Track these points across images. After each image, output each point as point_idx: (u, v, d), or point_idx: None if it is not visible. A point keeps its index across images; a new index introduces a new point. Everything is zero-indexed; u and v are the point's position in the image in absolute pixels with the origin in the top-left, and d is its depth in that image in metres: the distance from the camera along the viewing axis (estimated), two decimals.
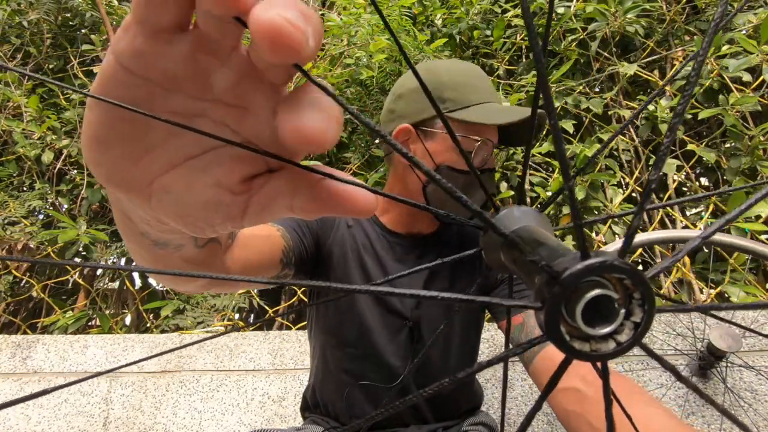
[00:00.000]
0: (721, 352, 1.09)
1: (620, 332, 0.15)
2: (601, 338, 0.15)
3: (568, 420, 0.56)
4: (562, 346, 0.15)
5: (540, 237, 0.19)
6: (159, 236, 0.29)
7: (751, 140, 1.58)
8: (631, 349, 0.15)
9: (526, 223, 0.21)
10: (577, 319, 0.15)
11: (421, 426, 0.76)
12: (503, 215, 0.22)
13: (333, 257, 0.77)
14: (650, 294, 0.15)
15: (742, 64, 1.59)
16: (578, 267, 0.14)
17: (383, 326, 0.76)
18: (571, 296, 0.15)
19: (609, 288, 0.15)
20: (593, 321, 0.15)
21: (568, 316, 0.15)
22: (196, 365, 1.39)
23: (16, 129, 1.94)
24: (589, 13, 1.88)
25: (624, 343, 0.15)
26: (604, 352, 0.15)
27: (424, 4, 2.18)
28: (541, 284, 0.16)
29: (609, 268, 0.14)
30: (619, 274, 0.15)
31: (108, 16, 2.02)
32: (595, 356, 0.15)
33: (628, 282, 0.15)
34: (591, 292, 0.15)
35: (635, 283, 0.15)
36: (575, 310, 0.15)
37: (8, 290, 1.86)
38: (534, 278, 0.17)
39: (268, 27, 0.14)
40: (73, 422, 1.34)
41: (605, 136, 1.77)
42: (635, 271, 0.15)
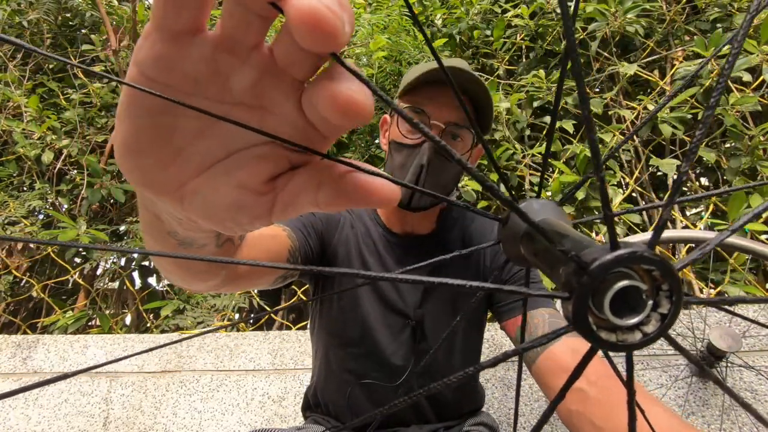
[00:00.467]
0: (721, 352, 1.09)
1: (647, 323, 0.15)
2: (627, 329, 0.15)
3: (570, 420, 0.56)
4: (589, 337, 0.15)
5: (562, 229, 0.18)
6: (186, 235, 0.30)
7: (751, 140, 1.59)
8: (657, 340, 0.15)
9: (545, 216, 0.21)
10: (605, 309, 0.15)
11: (423, 426, 0.76)
12: (523, 207, 0.21)
13: (338, 257, 0.77)
14: (678, 286, 0.15)
15: (742, 64, 1.59)
16: (608, 257, 0.14)
17: (386, 325, 0.76)
18: (600, 287, 0.15)
19: (637, 279, 0.15)
20: (620, 311, 0.15)
21: (595, 307, 0.15)
22: (196, 365, 1.39)
23: (16, 129, 1.94)
24: (589, 13, 1.88)
25: (651, 334, 0.15)
26: (631, 342, 0.15)
27: (424, 4, 2.18)
28: (569, 274, 0.16)
29: (638, 259, 0.14)
30: (648, 266, 0.15)
31: (108, 16, 2.02)
32: (621, 347, 0.15)
33: (656, 273, 0.15)
34: (619, 282, 0.15)
35: (664, 275, 0.15)
36: (603, 301, 0.15)
37: (8, 290, 1.86)
38: (558, 269, 0.16)
39: (308, 12, 0.15)
40: (73, 422, 1.34)
41: (605, 136, 1.77)
42: (664, 263, 0.15)
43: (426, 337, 0.75)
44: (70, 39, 2.35)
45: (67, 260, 1.87)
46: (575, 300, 0.15)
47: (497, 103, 1.78)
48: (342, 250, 0.77)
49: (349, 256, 0.77)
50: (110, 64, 2.18)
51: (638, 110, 1.80)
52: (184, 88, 0.18)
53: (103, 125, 2.14)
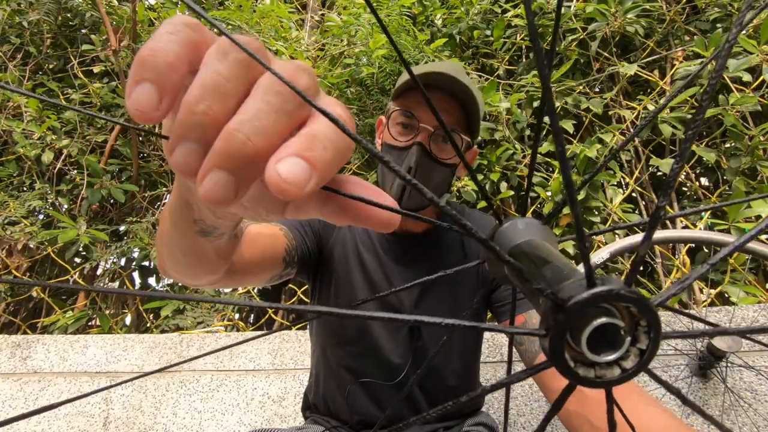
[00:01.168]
0: (721, 352, 1.09)
1: (626, 358, 0.15)
2: (606, 365, 0.15)
3: (569, 420, 0.56)
4: (566, 373, 0.15)
5: (545, 254, 0.18)
6: (212, 222, 0.33)
7: (751, 140, 1.59)
8: (636, 375, 0.15)
9: (529, 237, 0.20)
10: (582, 346, 0.15)
11: (422, 425, 0.77)
12: (506, 228, 0.21)
13: (334, 256, 0.77)
14: (656, 322, 0.15)
15: (742, 64, 1.59)
16: (584, 296, 0.14)
17: (383, 325, 0.76)
18: (577, 323, 0.15)
19: (615, 316, 0.15)
20: (598, 347, 0.15)
21: (574, 343, 0.15)
22: (196, 365, 1.39)
23: (16, 129, 1.94)
24: (589, 13, 1.88)
25: (629, 370, 0.15)
26: (609, 378, 0.15)
27: (424, 4, 2.18)
28: (546, 310, 0.15)
29: (616, 297, 0.14)
30: (626, 303, 0.14)
31: (108, 16, 2.01)
32: (599, 383, 0.15)
33: (634, 310, 0.15)
34: (597, 320, 0.15)
35: (642, 311, 0.15)
36: (580, 337, 0.15)
37: (8, 290, 1.86)
38: (539, 299, 0.16)
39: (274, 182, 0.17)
40: (73, 422, 1.34)
41: (605, 137, 1.77)
42: (642, 300, 0.14)
43: (423, 335, 0.76)
44: (70, 39, 2.35)
45: (67, 260, 1.87)
46: (551, 337, 0.15)
47: (497, 103, 1.78)
48: (339, 249, 0.78)
49: (347, 255, 0.77)
50: (110, 64, 2.19)
51: (638, 110, 1.80)
52: None
53: (103, 125, 2.14)
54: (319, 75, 2.00)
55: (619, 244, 1.34)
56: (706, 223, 1.59)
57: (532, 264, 0.18)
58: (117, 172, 2.15)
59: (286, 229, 0.68)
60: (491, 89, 1.76)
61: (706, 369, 1.17)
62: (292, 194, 0.17)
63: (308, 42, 2.24)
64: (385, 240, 0.79)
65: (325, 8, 2.70)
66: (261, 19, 2.12)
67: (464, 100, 0.69)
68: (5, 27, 2.21)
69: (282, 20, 2.18)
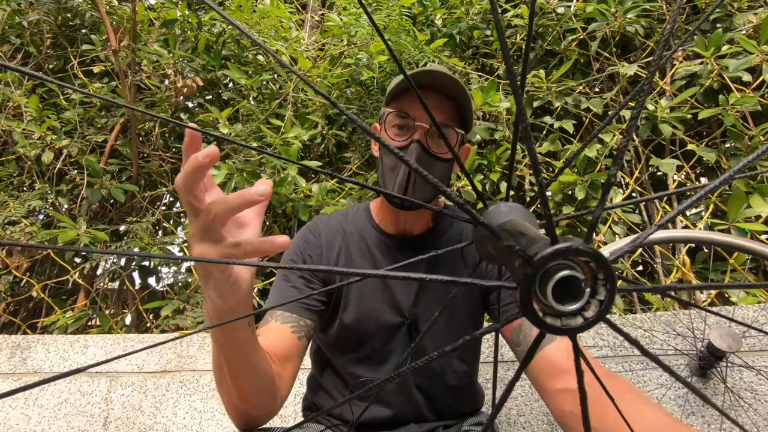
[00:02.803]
0: (721, 352, 1.09)
1: (587, 309, 0.17)
2: (570, 315, 0.17)
3: (565, 420, 0.56)
4: (535, 321, 0.17)
5: (522, 228, 0.21)
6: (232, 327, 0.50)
7: (751, 140, 1.58)
8: (596, 324, 0.17)
9: (511, 218, 0.23)
10: (548, 297, 0.17)
11: (422, 424, 0.77)
12: (491, 210, 0.24)
13: (335, 281, 0.78)
14: (611, 274, 0.17)
15: (742, 64, 1.59)
16: (548, 251, 0.16)
17: (383, 327, 0.76)
18: (542, 277, 0.17)
19: (576, 270, 0.17)
20: (564, 300, 0.17)
21: (541, 295, 0.17)
22: (197, 365, 1.39)
23: (16, 129, 1.94)
24: (589, 13, 1.88)
25: (590, 318, 0.17)
26: (573, 326, 0.17)
27: (424, 4, 2.18)
28: (517, 267, 0.18)
29: (574, 252, 0.17)
30: (584, 257, 0.17)
31: (108, 16, 2.01)
32: (565, 330, 0.17)
33: (593, 264, 0.17)
34: (560, 272, 0.17)
35: (599, 265, 0.17)
36: (546, 290, 0.17)
37: (8, 290, 1.86)
38: (514, 263, 0.19)
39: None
40: (73, 422, 1.34)
41: (606, 137, 1.77)
42: (597, 254, 0.17)
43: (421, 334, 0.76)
44: (70, 39, 2.35)
45: (67, 260, 1.86)
46: (521, 289, 0.17)
47: (497, 103, 1.78)
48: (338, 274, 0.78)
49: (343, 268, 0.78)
50: (110, 64, 2.19)
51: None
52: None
53: (103, 125, 2.14)
54: (319, 75, 2.00)
55: (619, 243, 1.34)
56: (706, 222, 1.59)
57: (510, 237, 0.20)
58: (117, 172, 2.15)
59: (296, 325, 0.71)
60: (491, 89, 1.76)
61: (706, 369, 1.17)
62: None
63: (308, 42, 2.24)
64: (383, 243, 0.79)
65: (325, 8, 2.70)
66: (261, 19, 2.13)
67: (455, 95, 0.71)
68: (5, 27, 2.21)
69: (282, 20, 2.18)
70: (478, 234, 0.25)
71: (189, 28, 2.22)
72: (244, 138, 1.86)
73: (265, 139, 1.84)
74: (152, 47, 2.07)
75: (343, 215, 0.84)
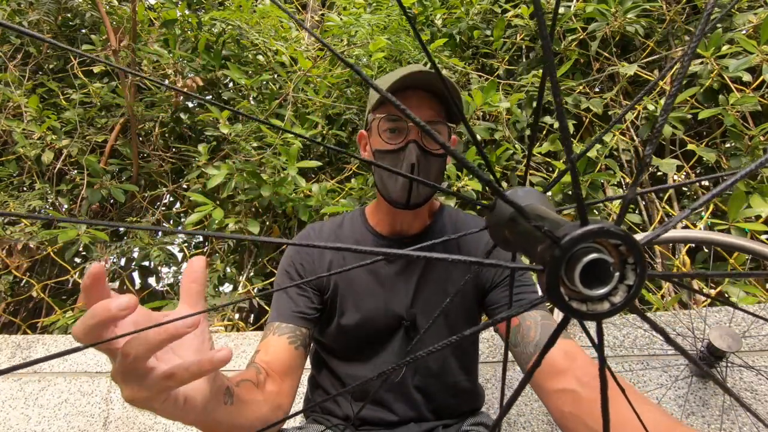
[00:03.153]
0: (721, 352, 1.09)
1: (614, 294, 0.17)
2: (597, 300, 0.17)
3: (564, 421, 0.56)
4: (561, 306, 0.16)
5: (542, 212, 0.20)
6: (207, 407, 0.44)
7: (751, 140, 1.59)
8: (624, 308, 0.17)
9: (530, 202, 0.22)
10: (576, 281, 0.16)
11: (421, 424, 0.77)
12: (508, 194, 0.23)
13: (329, 287, 0.79)
14: (642, 259, 0.16)
15: (742, 64, 1.58)
16: (578, 232, 0.16)
17: (381, 329, 0.77)
18: (570, 259, 0.16)
19: (605, 253, 0.16)
20: (591, 284, 0.16)
21: (567, 279, 0.16)
22: None
23: (16, 129, 1.94)
24: (589, 13, 1.88)
25: (617, 304, 0.17)
26: (600, 311, 0.17)
27: (424, 4, 2.18)
28: (543, 249, 0.17)
29: (605, 234, 0.16)
30: (614, 240, 0.16)
31: (108, 16, 2.01)
32: (591, 315, 0.17)
33: (623, 248, 0.16)
34: (589, 255, 0.16)
35: (629, 249, 0.16)
36: (574, 273, 0.16)
37: (8, 290, 1.86)
38: (536, 247, 0.18)
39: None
40: (73, 422, 1.34)
41: (606, 137, 1.77)
42: (629, 237, 0.16)
43: (419, 334, 0.76)
44: (70, 39, 2.35)
45: (67, 260, 1.87)
46: (548, 271, 0.16)
47: (497, 103, 1.78)
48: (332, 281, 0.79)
49: (337, 278, 0.78)
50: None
51: (638, 110, 1.80)
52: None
53: (103, 125, 2.14)
54: (319, 75, 2.00)
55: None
56: (706, 222, 1.59)
57: (556, 227, 0.19)
58: (117, 172, 2.15)
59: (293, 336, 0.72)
60: (491, 89, 1.76)
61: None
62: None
63: (308, 42, 2.24)
64: (377, 245, 0.80)
65: (325, 8, 2.70)
66: (261, 19, 2.13)
67: (438, 90, 0.72)
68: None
69: (282, 20, 2.18)
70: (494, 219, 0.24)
71: (189, 28, 2.22)
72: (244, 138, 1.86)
73: (265, 139, 1.84)
74: (152, 47, 2.07)
75: (336, 222, 0.85)
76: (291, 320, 0.73)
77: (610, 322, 1.29)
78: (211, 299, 1.72)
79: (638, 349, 1.24)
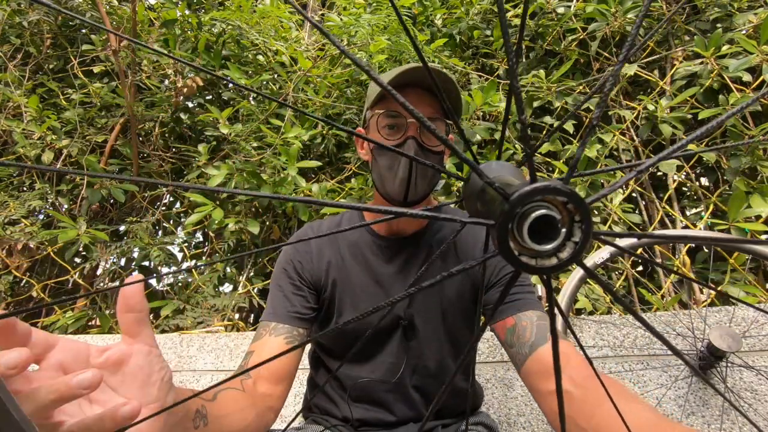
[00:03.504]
0: (721, 352, 1.09)
1: (563, 250, 0.18)
2: (546, 255, 0.18)
3: (557, 422, 0.56)
4: (511, 259, 0.17)
5: (509, 180, 0.21)
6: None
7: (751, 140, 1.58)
8: (570, 264, 0.18)
9: (502, 174, 0.24)
10: (524, 236, 0.17)
11: (420, 424, 0.77)
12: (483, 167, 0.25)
13: (327, 288, 0.79)
14: (588, 215, 0.17)
15: (742, 64, 1.58)
16: (526, 189, 0.17)
17: (380, 329, 0.77)
18: (521, 216, 0.17)
19: (553, 211, 0.17)
20: (542, 242, 0.17)
21: (518, 235, 0.17)
22: (197, 365, 1.39)
23: (16, 129, 1.94)
24: (589, 13, 1.88)
25: (564, 259, 0.18)
26: (548, 266, 0.18)
27: (424, 4, 2.18)
28: (496, 206, 0.18)
29: (552, 191, 0.17)
30: (561, 197, 0.17)
31: (108, 16, 2.02)
32: (539, 269, 0.18)
33: (570, 206, 0.17)
34: (537, 212, 0.17)
35: (576, 207, 0.17)
36: (523, 228, 0.17)
37: (8, 290, 1.86)
38: (494, 201, 0.19)
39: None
40: None
41: (606, 137, 1.77)
42: (575, 195, 0.17)
43: (416, 334, 0.77)
44: (70, 39, 2.35)
45: (67, 260, 1.87)
46: (498, 225, 0.17)
47: (497, 103, 1.78)
48: (330, 281, 0.79)
49: (341, 277, 0.79)
50: (110, 64, 2.19)
51: (638, 110, 1.80)
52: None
53: (103, 125, 2.14)
54: (319, 75, 2.00)
55: (626, 242, 1.34)
56: (706, 222, 1.59)
57: (507, 186, 0.20)
58: (117, 172, 2.15)
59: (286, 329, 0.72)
60: (491, 89, 1.76)
61: (706, 369, 1.17)
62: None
63: (308, 42, 2.24)
64: (376, 245, 0.80)
65: (325, 8, 2.70)
66: (261, 19, 2.13)
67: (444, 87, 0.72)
68: (5, 27, 2.21)
69: (282, 20, 2.18)
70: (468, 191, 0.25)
71: (189, 28, 2.22)
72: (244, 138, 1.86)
73: (265, 139, 1.84)
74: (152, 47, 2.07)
75: (335, 222, 0.85)
76: (287, 320, 0.73)
77: (610, 322, 1.29)
78: (212, 299, 1.72)
79: (638, 349, 1.24)
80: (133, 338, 0.38)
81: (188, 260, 2.03)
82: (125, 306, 0.38)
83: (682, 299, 1.56)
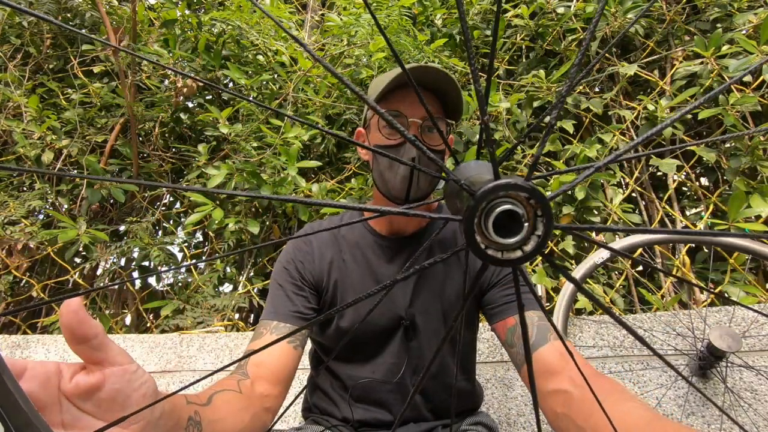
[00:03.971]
0: (721, 352, 1.09)
1: (526, 243, 0.19)
2: (511, 248, 0.19)
3: (557, 422, 0.57)
4: (478, 252, 0.18)
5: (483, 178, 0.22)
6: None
7: (751, 140, 1.58)
8: (533, 257, 0.19)
9: (479, 173, 0.25)
10: (489, 229, 0.18)
11: (420, 424, 0.77)
12: (461, 166, 0.26)
13: (329, 288, 0.79)
14: (549, 211, 0.18)
15: (742, 64, 1.58)
16: (490, 185, 0.18)
17: (381, 330, 0.77)
18: (486, 211, 0.18)
19: (518, 206, 0.18)
20: (508, 236, 0.18)
21: (485, 229, 0.18)
22: (196, 365, 1.39)
23: (16, 129, 1.94)
24: (589, 13, 1.88)
25: (528, 252, 0.19)
26: (513, 258, 0.19)
27: (424, 4, 2.18)
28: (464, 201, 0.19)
29: (513, 187, 0.18)
30: (523, 193, 0.18)
31: (108, 16, 2.02)
32: (505, 261, 0.19)
33: (532, 202, 0.18)
34: (501, 207, 0.18)
35: (537, 202, 0.18)
36: (488, 223, 0.18)
37: (8, 290, 1.86)
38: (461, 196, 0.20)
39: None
40: None
41: (605, 137, 1.77)
42: (536, 191, 0.18)
43: (417, 334, 0.77)
44: (70, 39, 2.35)
45: (67, 260, 1.86)
46: (465, 219, 0.18)
47: (497, 103, 1.78)
48: (332, 281, 0.79)
49: (341, 276, 0.79)
50: (110, 64, 2.19)
51: (638, 110, 1.80)
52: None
53: (103, 125, 2.14)
54: (319, 75, 2.00)
55: (619, 244, 1.34)
56: (706, 223, 1.59)
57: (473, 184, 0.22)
58: (117, 172, 2.15)
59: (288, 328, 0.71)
60: (491, 89, 1.76)
61: (706, 369, 1.17)
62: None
63: (308, 42, 2.24)
64: (377, 245, 0.80)
65: (325, 8, 2.70)
66: (261, 19, 2.13)
67: (438, 88, 0.72)
68: (5, 27, 2.21)
69: (282, 20, 2.18)
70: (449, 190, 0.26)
71: (189, 28, 2.21)
72: (244, 138, 1.86)
73: (265, 139, 1.84)
74: (152, 47, 2.07)
75: (335, 221, 0.86)
76: (289, 320, 0.72)
77: (610, 322, 1.29)
78: (212, 299, 1.72)
79: (638, 349, 1.24)
80: (100, 365, 0.33)
81: (188, 260, 2.03)
82: (73, 338, 0.32)
83: (682, 299, 1.56)
